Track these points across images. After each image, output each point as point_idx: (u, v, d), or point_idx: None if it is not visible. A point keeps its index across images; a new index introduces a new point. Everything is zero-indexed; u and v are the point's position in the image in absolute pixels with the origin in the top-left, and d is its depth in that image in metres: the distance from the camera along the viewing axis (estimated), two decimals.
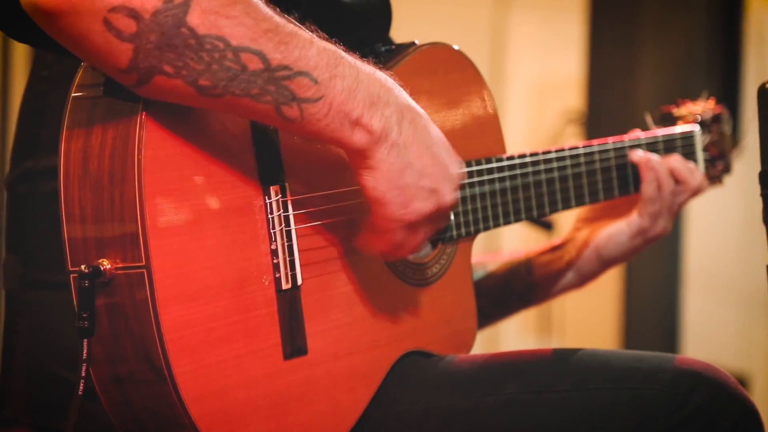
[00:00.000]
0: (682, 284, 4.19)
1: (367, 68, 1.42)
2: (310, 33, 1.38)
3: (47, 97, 1.55)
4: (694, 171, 1.97)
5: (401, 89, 1.46)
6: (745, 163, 3.69)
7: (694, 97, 2.18)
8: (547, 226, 2.66)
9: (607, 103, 3.96)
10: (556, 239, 2.06)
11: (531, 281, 2.04)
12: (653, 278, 4.13)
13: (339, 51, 1.40)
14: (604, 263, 2.00)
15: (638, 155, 1.95)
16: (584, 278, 2.02)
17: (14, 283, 1.55)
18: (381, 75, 1.44)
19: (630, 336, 4.17)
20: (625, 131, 2.07)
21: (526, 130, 4.91)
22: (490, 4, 4.93)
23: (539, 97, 5.01)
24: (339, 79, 1.37)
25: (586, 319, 4.62)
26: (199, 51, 1.28)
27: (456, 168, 1.51)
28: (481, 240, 1.82)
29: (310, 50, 1.35)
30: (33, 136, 1.56)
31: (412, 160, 1.44)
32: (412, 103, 1.46)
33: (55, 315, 1.50)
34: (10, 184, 1.59)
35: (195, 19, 1.27)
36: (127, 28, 1.25)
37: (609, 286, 4.23)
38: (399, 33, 1.86)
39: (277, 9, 1.36)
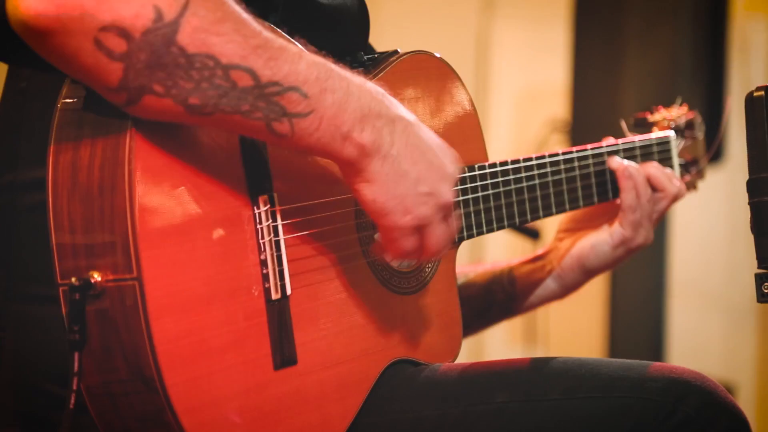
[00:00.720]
0: (668, 293, 4.19)
1: (357, 80, 1.42)
2: (299, 47, 1.38)
3: (25, 109, 1.54)
4: (671, 177, 1.97)
5: (391, 99, 1.46)
6: (730, 170, 3.71)
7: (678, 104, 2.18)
8: (534, 235, 2.65)
9: (591, 112, 3.96)
10: (539, 249, 2.06)
11: (513, 291, 2.04)
12: (639, 287, 4.13)
13: (329, 64, 1.40)
14: (586, 273, 1.99)
15: (616, 162, 1.95)
16: (567, 288, 2.02)
17: None
18: (371, 86, 1.44)
19: (615, 345, 4.17)
20: None
21: (510, 139, 4.91)
22: (474, 12, 4.93)
23: (524, 105, 5.01)
24: (329, 93, 1.37)
25: (571, 329, 4.62)
26: (189, 70, 1.28)
27: (451, 166, 1.52)
28: (465, 250, 1.81)
29: (300, 65, 1.35)
30: (12, 149, 1.55)
31: (407, 168, 1.45)
32: (402, 111, 1.47)
33: (41, 328, 1.48)
34: None
35: (185, 38, 1.27)
36: (118, 48, 1.25)
37: (594, 295, 4.23)
38: (384, 39, 1.85)
39: (266, 23, 1.36)
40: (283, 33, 1.40)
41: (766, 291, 1.49)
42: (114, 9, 1.24)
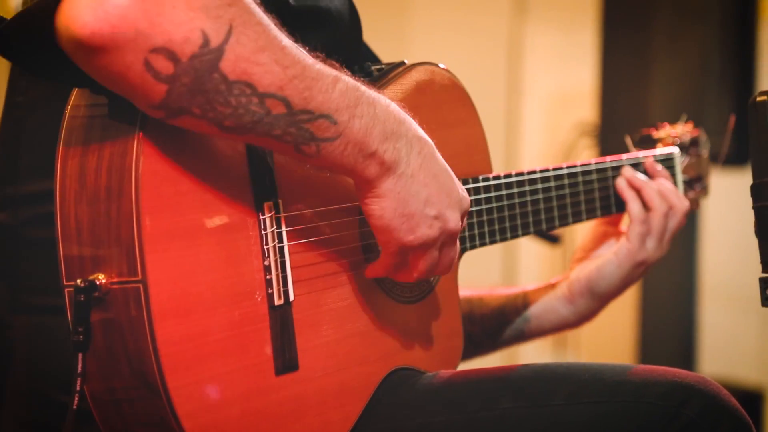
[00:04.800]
0: (699, 296, 4.17)
1: (383, 102, 1.45)
2: (335, 72, 1.40)
3: (23, 122, 1.56)
4: (679, 194, 2.00)
5: (412, 120, 1.50)
6: None
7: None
8: (554, 240, 2.66)
9: (620, 115, 3.95)
10: (554, 278, 2.07)
11: (526, 314, 2.05)
12: (669, 290, 4.11)
13: (360, 88, 1.42)
14: (596, 298, 2.00)
15: (627, 173, 1.98)
16: (579, 315, 2.03)
17: (3, 308, 1.56)
18: (395, 108, 1.47)
19: (646, 349, 4.15)
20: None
21: (541, 142, 4.91)
22: (506, 16, 4.94)
23: (554, 109, 5.01)
24: (357, 119, 1.40)
25: (602, 333, 4.59)
26: (228, 96, 1.30)
27: (460, 194, 1.54)
28: (498, 263, 1.82)
29: (333, 93, 1.38)
30: (12, 162, 1.57)
31: (418, 189, 1.48)
32: (422, 133, 1.50)
33: (44, 338, 1.51)
34: None
35: (228, 65, 1.29)
36: (165, 70, 1.26)
37: (625, 299, 4.18)
38: (417, 44, 1.87)
39: (305, 49, 1.37)
40: (319, 54, 1.41)
41: None
42: (166, 31, 1.24)
